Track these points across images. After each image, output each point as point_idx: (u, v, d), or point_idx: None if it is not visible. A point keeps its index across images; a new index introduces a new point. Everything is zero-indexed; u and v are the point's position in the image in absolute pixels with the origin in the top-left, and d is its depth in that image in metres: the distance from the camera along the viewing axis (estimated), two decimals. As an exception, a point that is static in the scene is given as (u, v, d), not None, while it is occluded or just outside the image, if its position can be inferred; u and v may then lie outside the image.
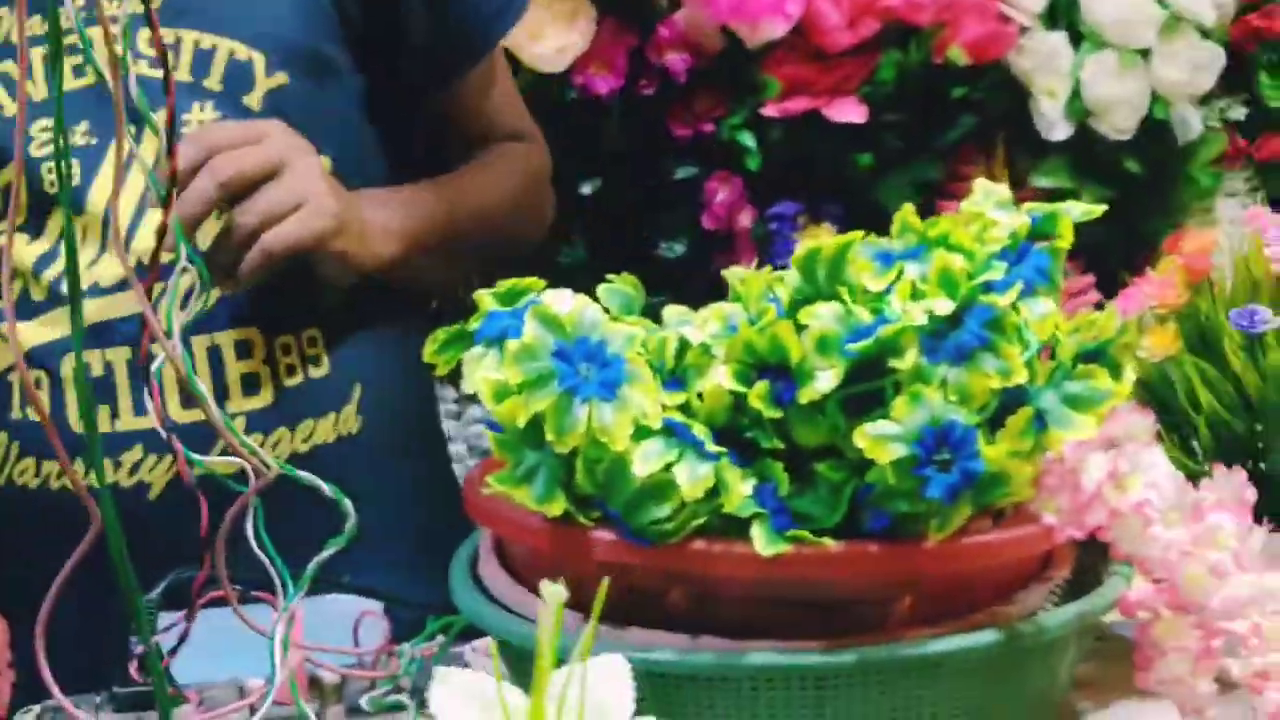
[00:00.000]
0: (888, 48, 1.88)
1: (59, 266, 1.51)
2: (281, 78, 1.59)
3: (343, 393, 1.63)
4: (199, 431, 1.46)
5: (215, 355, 1.56)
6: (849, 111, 1.86)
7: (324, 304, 1.60)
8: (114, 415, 1.53)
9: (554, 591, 0.61)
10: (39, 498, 1.53)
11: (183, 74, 1.56)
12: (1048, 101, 1.89)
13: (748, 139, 1.86)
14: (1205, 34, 1.85)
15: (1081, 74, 1.90)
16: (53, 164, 1.53)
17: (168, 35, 1.55)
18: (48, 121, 1.55)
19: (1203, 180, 1.88)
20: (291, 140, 1.47)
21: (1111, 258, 1.51)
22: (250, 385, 1.57)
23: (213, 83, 1.57)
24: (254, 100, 1.58)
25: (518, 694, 0.59)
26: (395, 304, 1.70)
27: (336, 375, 1.62)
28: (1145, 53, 1.88)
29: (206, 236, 1.43)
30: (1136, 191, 1.88)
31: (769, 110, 1.84)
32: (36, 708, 1.16)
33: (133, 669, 1.14)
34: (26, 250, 1.52)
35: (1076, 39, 1.90)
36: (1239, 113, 1.90)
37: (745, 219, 1.85)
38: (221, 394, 1.56)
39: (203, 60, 1.57)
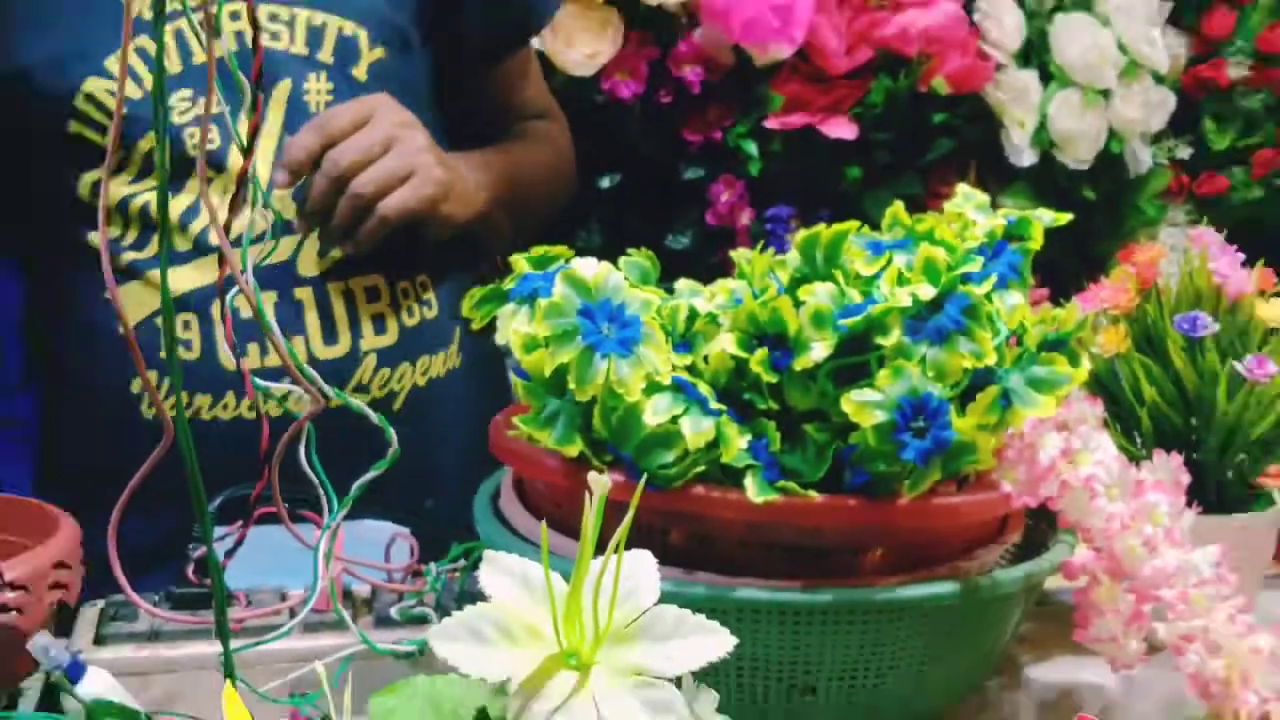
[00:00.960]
0: (879, 74, 1.88)
1: (203, 220, 1.52)
2: (380, 52, 1.60)
3: (448, 332, 1.67)
4: (338, 364, 1.55)
5: (349, 298, 1.58)
6: (841, 129, 1.86)
7: (428, 254, 1.63)
8: (263, 353, 1.54)
9: (601, 482, 0.60)
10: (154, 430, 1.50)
11: (298, 47, 1.57)
12: (1017, 131, 1.90)
13: (751, 147, 1.87)
14: (1159, 79, 1.87)
15: (1049, 109, 1.90)
16: (192, 129, 1.55)
17: (283, 12, 1.57)
18: (186, 91, 1.55)
19: (1149, 210, 1.90)
20: (398, 114, 1.50)
21: (1065, 274, 1.51)
22: (379, 325, 1.59)
23: (325, 55, 1.58)
24: (360, 72, 1.59)
25: (558, 578, 0.58)
26: (473, 253, 1.74)
27: (442, 316, 1.66)
28: (1106, 93, 1.89)
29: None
30: (1090, 216, 1.90)
31: (771, 123, 1.84)
32: (102, 601, 1.16)
33: (189, 572, 1.15)
34: (170, 206, 1.52)
35: (1046, 77, 1.91)
36: (1185, 152, 1.91)
37: (744, 218, 1.86)
38: (357, 333, 1.58)
39: (315, 36, 1.57)
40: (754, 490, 1.00)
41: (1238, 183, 1.94)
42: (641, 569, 0.57)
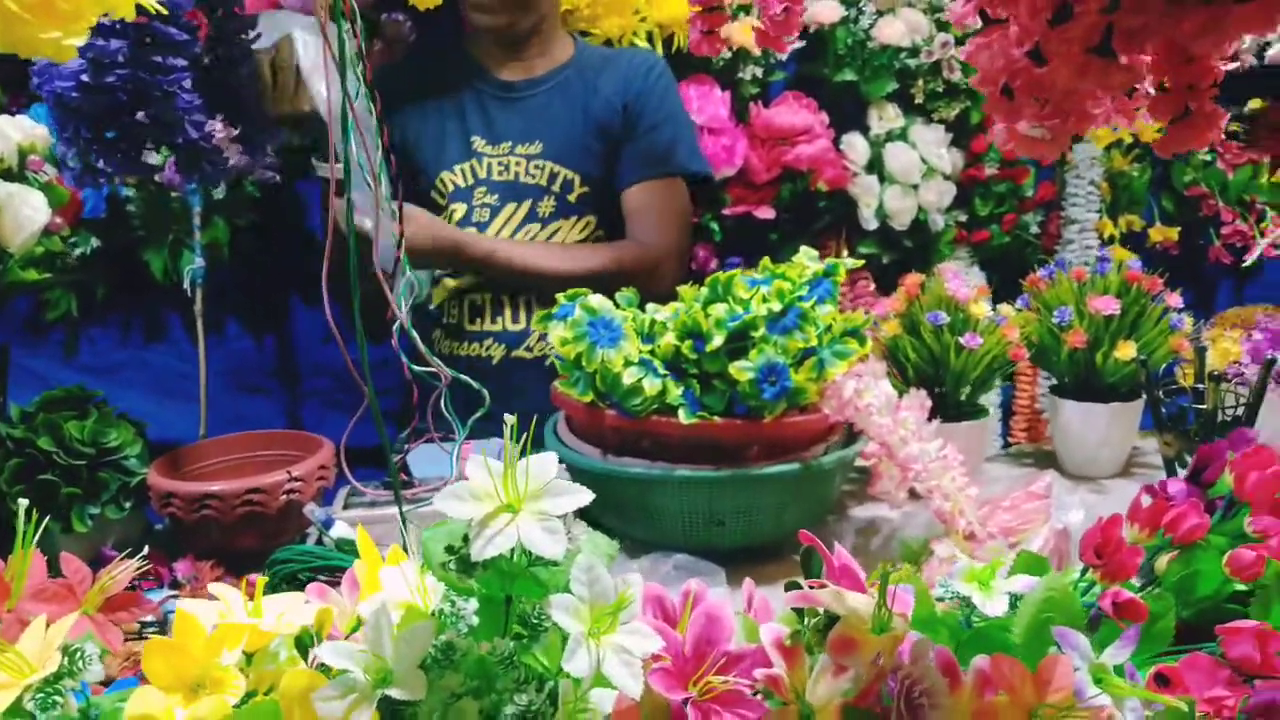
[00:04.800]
0: (785, 181, 1.81)
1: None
2: (584, 188, 1.49)
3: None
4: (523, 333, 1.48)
5: (527, 303, 1.49)
6: (766, 213, 1.82)
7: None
8: (491, 320, 1.49)
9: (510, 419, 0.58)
10: (452, 361, 1.46)
11: (540, 181, 1.48)
12: (866, 210, 1.84)
13: (715, 225, 1.82)
14: (947, 177, 1.84)
15: (884, 196, 1.85)
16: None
17: (539, 163, 1.48)
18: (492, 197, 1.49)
19: (944, 251, 1.87)
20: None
21: (892, 284, 1.46)
22: (528, 317, 1.49)
23: (554, 188, 1.49)
24: (572, 198, 1.49)
25: (499, 464, 0.54)
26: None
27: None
28: (916, 186, 1.85)
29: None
30: (910, 256, 1.86)
31: (727, 211, 1.80)
32: (347, 486, 1.15)
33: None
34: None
35: (882, 179, 1.85)
36: (962, 218, 1.87)
37: (713, 265, 1.81)
38: (529, 317, 1.49)
39: (551, 177, 1.49)
40: (684, 417, 1.05)
41: (994, 235, 1.91)
42: (547, 461, 0.55)
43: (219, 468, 1.18)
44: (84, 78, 0.77)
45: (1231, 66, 0.55)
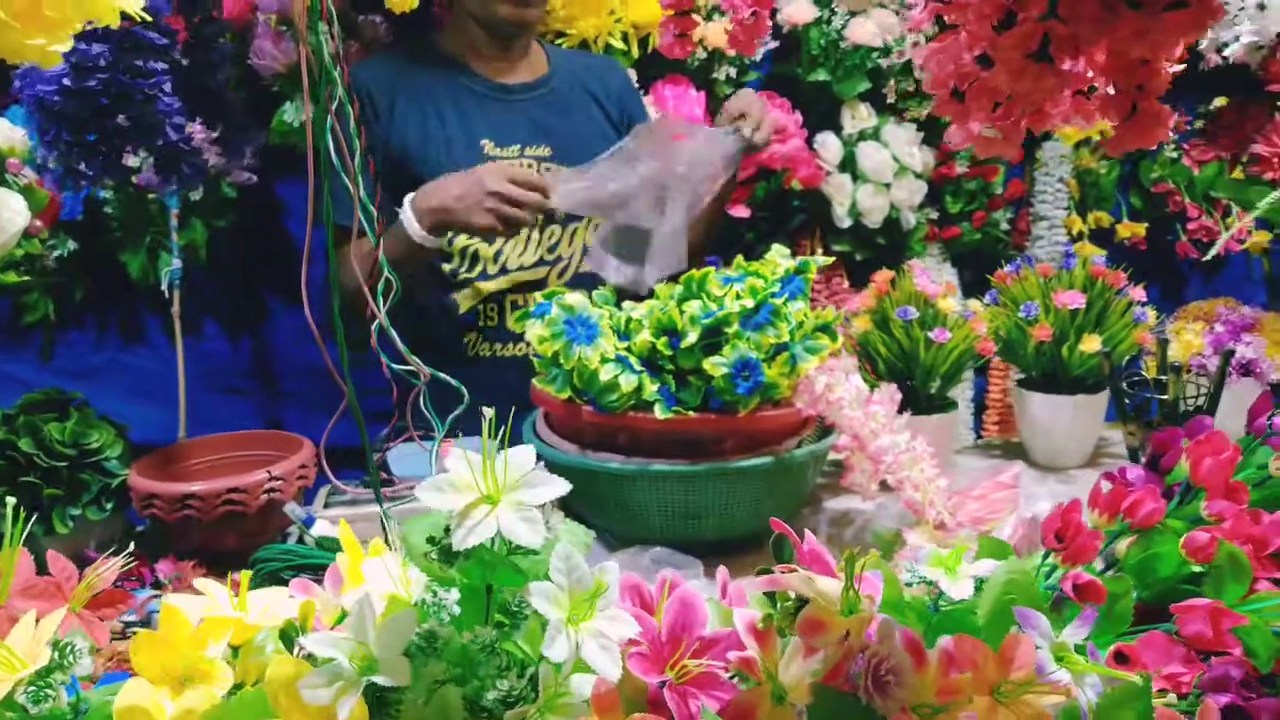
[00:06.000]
0: (761, 180, 1.84)
1: (506, 253, 1.43)
2: None
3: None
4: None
5: (514, 304, 1.46)
6: (742, 211, 1.84)
7: None
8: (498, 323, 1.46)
9: (488, 412, 0.57)
10: (481, 361, 1.44)
11: None
12: (840, 208, 1.87)
13: None
14: (918, 176, 1.88)
15: (857, 195, 1.87)
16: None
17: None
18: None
19: (915, 248, 1.89)
20: None
21: (864, 280, 1.46)
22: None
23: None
24: None
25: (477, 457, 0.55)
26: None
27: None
28: (888, 185, 1.87)
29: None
30: (883, 253, 1.88)
31: None
32: (327, 485, 1.15)
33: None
34: (489, 248, 1.41)
35: (855, 177, 1.87)
36: (933, 215, 1.89)
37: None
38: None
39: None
40: (660, 412, 1.06)
41: (965, 231, 1.93)
42: (524, 455, 0.56)
43: (200, 468, 1.19)
44: (66, 81, 0.78)
45: (1179, 68, 0.58)
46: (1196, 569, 0.72)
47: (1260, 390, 1.33)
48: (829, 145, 1.90)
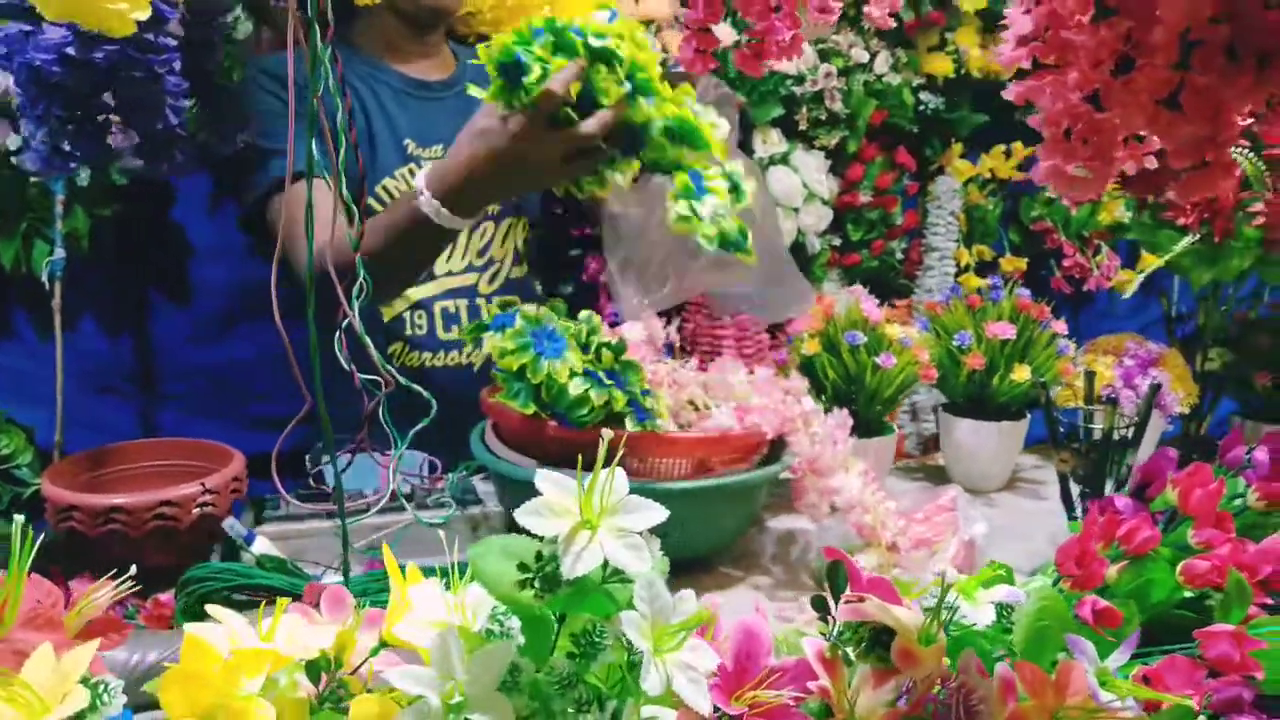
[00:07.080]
0: None
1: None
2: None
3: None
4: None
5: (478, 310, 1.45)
6: None
7: None
8: (445, 329, 1.41)
9: (606, 433, 0.56)
10: (408, 371, 1.38)
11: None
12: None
13: None
14: (825, 203, 1.88)
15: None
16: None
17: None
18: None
19: (818, 273, 1.93)
20: None
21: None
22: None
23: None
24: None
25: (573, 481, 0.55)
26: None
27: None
28: (796, 209, 1.87)
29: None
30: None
31: None
32: (256, 498, 1.11)
33: (310, 479, 1.12)
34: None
35: None
36: (836, 241, 1.93)
37: (603, 276, 1.79)
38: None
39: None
40: (631, 426, 1.05)
41: (864, 259, 1.98)
42: (619, 478, 0.55)
43: (117, 478, 1.09)
44: (70, 51, 0.69)
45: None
46: (1189, 594, 0.76)
47: (1164, 422, 1.44)
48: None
